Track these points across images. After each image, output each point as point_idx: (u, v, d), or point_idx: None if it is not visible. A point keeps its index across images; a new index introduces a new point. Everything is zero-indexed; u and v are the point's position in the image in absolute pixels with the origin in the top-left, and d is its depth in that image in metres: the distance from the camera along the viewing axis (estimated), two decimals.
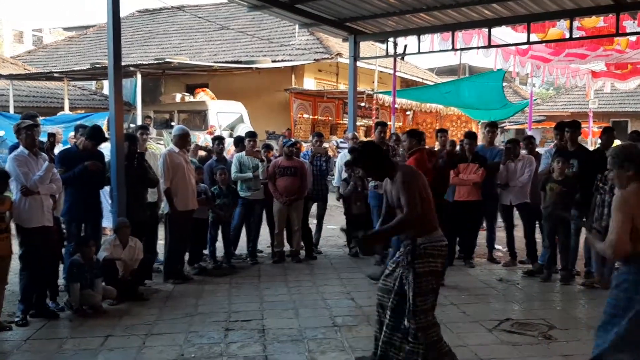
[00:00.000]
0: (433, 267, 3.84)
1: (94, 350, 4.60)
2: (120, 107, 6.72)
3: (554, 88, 33.43)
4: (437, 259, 3.86)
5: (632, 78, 14.71)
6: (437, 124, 19.25)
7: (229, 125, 15.38)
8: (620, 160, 3.32)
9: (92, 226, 6.36)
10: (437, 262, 3.86)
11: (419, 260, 3.81)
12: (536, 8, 8.72)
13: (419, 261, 3.81)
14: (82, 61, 20.98)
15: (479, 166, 7.39)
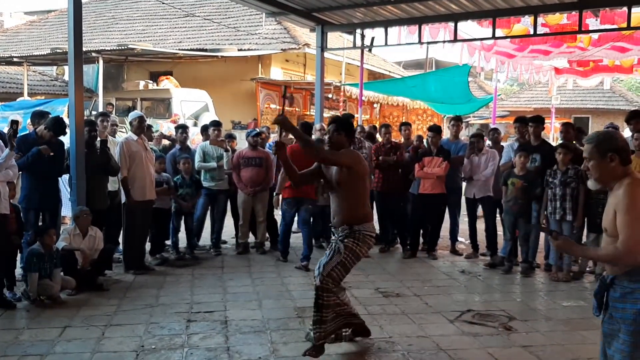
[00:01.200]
0: (358, 250, 4.16)
1: (51, 341, 4.49)
2: (80, 94, 6.54)
3: (518, 84, 34.01)
4: (364, 246, 4.19)
5: (594, 75, 15.04)
6: (404, 117, 19.35)
7: (193, 114, 15.18)
8: (604, 150, 2.86)
9: (50, 215, 6.21)
10: (363, 248, 4.19)
11: (352, 239, 4.14)
12: (502, 4, 8.83)
13: (352, 239, 4.14)
14: (43, 46, 20.38)
15: (443, 160, 7.46)
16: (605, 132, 3.01)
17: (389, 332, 4.80)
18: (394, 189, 7.92)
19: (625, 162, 2.85)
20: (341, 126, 4.29)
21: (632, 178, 2.82)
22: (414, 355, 4.32)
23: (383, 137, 8.07)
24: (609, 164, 2.83)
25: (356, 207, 4.17)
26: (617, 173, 2.85)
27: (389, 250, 8.09)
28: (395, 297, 5.85)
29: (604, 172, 2.88)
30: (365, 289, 6.08)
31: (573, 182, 6.47)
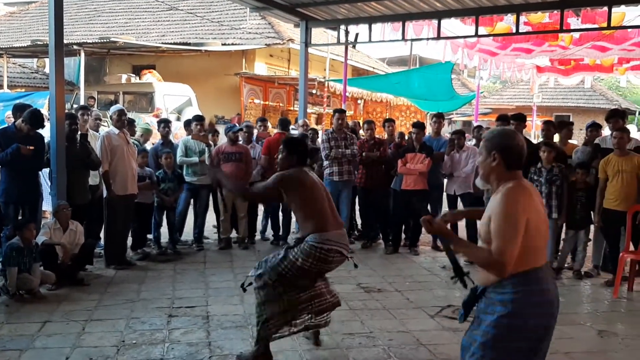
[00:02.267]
0: (300, 263, 3.96)
1: (31, 336, 4.46)
2: (61, 87, 6.47)
3: (501, 81, 34.24)
4: (309, 258, 3.95)
5: (575, 74, 15.22)
6: (387, 113, 19.41)
7: (176, 109, 15.09)
8: (489, 147, 2.66)
9: (30, 209, 6.15)
10: (308, 261, 3.96)
11: (296, 250, 4.00)
12: (485, 2, 8.90)
13: (296, 250, 3.99)
14: (23, 37, 20.10)
15: (425, 156, 7.51)
16: (500, 129, 2.73)
17: (370, 327, 4.83)
18: (377, 184, 7.95)
19: (510, 166, 2.60)
20: (292, 149, 4.21)
21: (515, 184, 2.58)
22: (395, 350, 4.36)
23: (366, 133, 8.10)
24: (491, 162, 2.63)
25: (304, 219, 4.08)
26: (498, 174, 2.63)
27: (371, 246, 8.13)
28: (376, 293, 5.89)
29: (486, 170, 2.69)
30: (347, 284, 6.10)
31: (558, 180, 6.54)
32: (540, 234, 2.59)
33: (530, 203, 2.57)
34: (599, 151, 6.78)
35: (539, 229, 2.57)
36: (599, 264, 6.87)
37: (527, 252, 2.53)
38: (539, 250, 2.60)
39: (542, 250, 2.63)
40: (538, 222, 2.57)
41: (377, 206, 8.08)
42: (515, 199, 2.54)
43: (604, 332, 4.92)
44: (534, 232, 2.54)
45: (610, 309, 5.66)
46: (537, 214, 2.58)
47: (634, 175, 6.17)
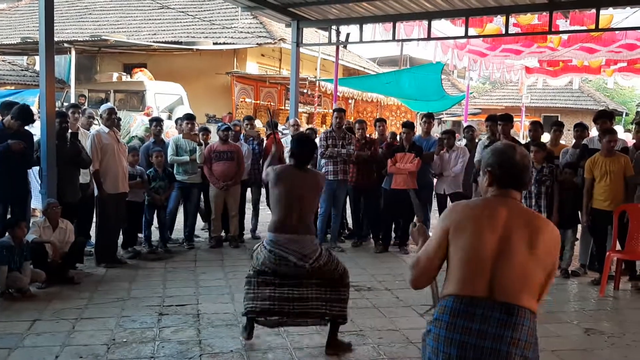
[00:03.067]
0: (258, 254, 4.21)
1: (20, 335, 4.45)
2: (51, 85, 6.46)
3: (490, 82, 34.44)
4: (260, 253, 4.17)
5: (563, 75, 15.35)
6: (378, 113, 19.47)
7: (167, 107, 15.06)
8: (483, 165, 2.41)
9: (19, 207, 6.13)
10: (260, 255, 4.17)
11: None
12: (475, 3, 8.96)
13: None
14: (13, 35, 19.97)
15: (415, 156, 7.56)
16: (498, 146, 2.44)
17: (360, 326, 4.87)
18: (368, 184, 8.00)
19: (500, 184, 2.34)
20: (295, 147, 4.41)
21: (484, 198, 2.39)
22: (384, 348, 4.40)
23: (358, 132, 8.14)
24: (483, 180, 2.38)
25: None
26: (491, 192, 2.37)
27: (361, 245, 8.17)
28: (366, 291, 5.92)
29: (482, 189, 2.42)
30: None
31: (547, 180, 6.61)
32: (469, 259, 2.22)
33: (460, 216, 2.30)
34: (587, 152, 6.85)
35: (468, 253, 2.23)
36: (585, 263, 6.95)
37: (449, 271, 2.28)
38: (459, 272, 2.24)
39: (467, 273, 2.23)
40: (472, 243, 2.22)
41: (367, 205, 8.13)
42: (447, 209, 2.39)
43: (591, 330, 4.99)
44: (458, 249, 2.25)
45: (596, 308, 5.74)
46: (468, 230, 2.25)
47: (620, 175, 6.25)
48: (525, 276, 2.19)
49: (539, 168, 6.65)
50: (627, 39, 11.06)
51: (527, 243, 2.20)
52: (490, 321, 2.15)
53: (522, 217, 2.27)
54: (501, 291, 2.16)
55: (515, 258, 2.18)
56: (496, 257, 2.19)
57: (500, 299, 2.16)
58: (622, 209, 6.20)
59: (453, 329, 2.20)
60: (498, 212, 2.27)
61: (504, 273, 2.17)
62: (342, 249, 7.83)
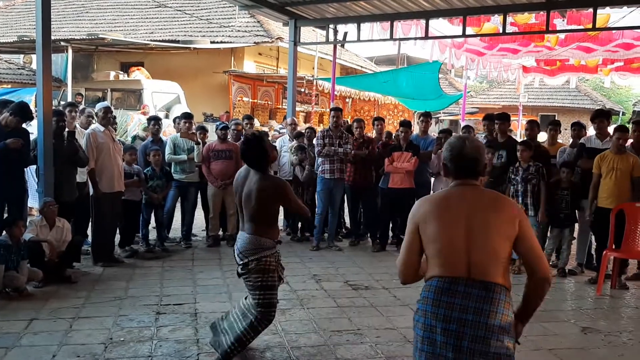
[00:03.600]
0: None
1: (17, 334, 4.44)
2: (48, 83, 6.45)
3: (487, 81, 34.45)
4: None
5: (560, 74, 15.35)
6: (375, 112, 19.48)
7: (164, 106, 15.04)
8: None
9: (17, 206, 6.12)
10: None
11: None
12: (472, 2, 8.97)
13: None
14: (10, 33, 19.91)
15: (412, 155, 7.57)
16: (448, 141, 2.67)
17: (358, 324, 4.87)
18: (365, 183, 8.01)
19: (447, 173, 2.64)
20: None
21: (436, 193, 2.74)
22: (382, 347, 4.40)
23: (356, 131, 8.14)
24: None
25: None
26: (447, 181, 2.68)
27: (358, 244, 8.17)
28: (364, 290, 5.93)
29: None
30: (335, 282, 6.15)
31: (534, 178, 6.64)
32: (443, 247, 2.47)
33: (425, 210, 2.55)
34: (584, 151, 6.86)
35: (442, 242, 2.48)
36: (583, 262, 6.97)
37: (429, 259, 2.55)
38: (438, 259, 2.49)
39: (445, 259, 2.47)
40: (441, 233, 2.47)
41: (365, 204, 8.13)
42: (414, 207, 2.62)
43: (588, 329, 5.00)
44: (431, 240, 2.50)
45: (593, 307, 5.75)
46: (436, 221, 2.50)
47: (627, 174, 6.23)
48: (496, 254, 2.43)
49: (525, 167, 6.68)
50: (624, 38, 11.07)
51: (489, 223, 2.44)
52: (471, 297, 2.40)
53: (482, 200, 2.52)
54: (477, 271, 2.42)
55: (483, 240, 2.43)
56: (467, 241, 2.43)
57: (478, 277, 2.41)
58: (620, 208, 6.21)
59: (438, 305, 2.45)
60: (458, 200, 2.52)
61: (477, 255, 2.42)
62: (339, 248, 7.84)
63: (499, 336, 2.39)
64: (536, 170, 6.64)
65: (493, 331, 2.38)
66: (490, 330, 2.38)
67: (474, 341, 2.37)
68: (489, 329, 2.37)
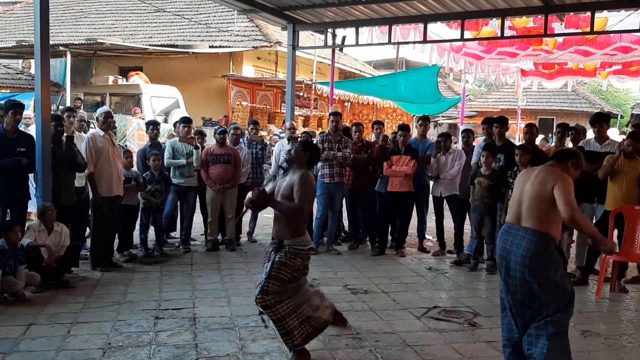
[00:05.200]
0: (290, 262, 4.15)
1: (15, 339, 4.42)
2: (47, 88, 6.44)
3: (486, 85, 34.52)
4: (296, 258, 4.17)
5: (558, 78, 15.39)
6: (374, 116, 19.50)
7: (163, 110, 15.04)
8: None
9: (19, 211, 6.12)
10: (296, 260, 4.17)
11: (280, 254, 4.17)
12: (470, 6, 8.98)
13: (281, 254, 4.17)
14: (8, 38, 19.93)
15: (410, 158, 7.57)
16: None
17: (357, 329, 4.86)
18: (364, 186, 8.01)
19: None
20: (306, 147, 4.44)
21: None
22: (381, 351, 4.39)
23: (354, 135, 8.15)
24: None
25: (289, 222, 4.19)
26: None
27: (357, 248, 8.16)
28: (363, 294, 5.92)
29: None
30: (334, 286, 6.14)
31: None
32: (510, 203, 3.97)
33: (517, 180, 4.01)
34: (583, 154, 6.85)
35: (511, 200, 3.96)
36: (582, 265, 6.95)
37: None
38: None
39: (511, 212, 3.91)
40: (514, 193, 3.92)
41: (364, 208, 8.12)
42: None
43: (587, 332, 4.99)
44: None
45: (593, 310, 5.74)
46: (516, 188, 3.92)
47: (634, 180, 6.21)
48: (531, 209, 3.73)
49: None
50: (621, 41, 11.10)
51: (532, 188, 3.76)
52: (516, 234, 3.74)
53: (540, 173, 3.82)
54: (522, 219, 3.76)
55: (526, 198, 3.77)
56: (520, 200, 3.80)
57: (522, 224, 3.74)
58: (619, 211, 6.20)
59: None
60: (529, 174, 3.91)
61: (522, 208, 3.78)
62: (338, 252, 7.83)
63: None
64: None
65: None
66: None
67: None
68: (518, 256, 3.77)
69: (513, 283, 3.74)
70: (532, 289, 3.66)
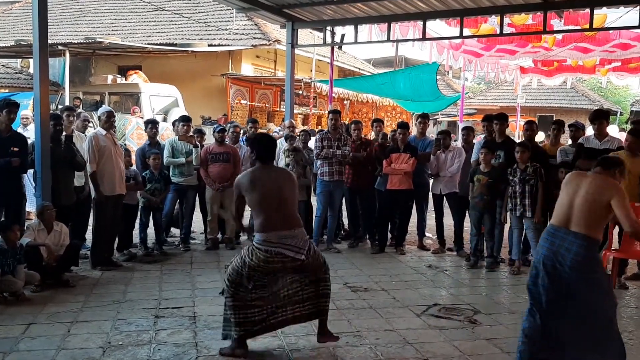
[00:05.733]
0: (247, 259, 4.14)
1: (14, 339, 4.42)
2: (45, 87, 6.43)
3: (485, 82, 34.49)
4: (252, 256, 4.13)
5: (558, 75, 15.39)
6: (373, 114, 19.48)
7: (162, 109, 15.02)
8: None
9: (14, 210, 6.11)
10: (252, 258, 4.12)
11: (247, 247, 4.23)
12: (469, 3, 8.97)
13: (247, 247, 4.23)
14: (7, 38, 19.91)
15: (410, 156, 7.56)
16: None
17: (357, 327, 4.86)
18: (364, 184, 8.00)
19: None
20: (251, 145, 4.49)
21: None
22: (381, 349, 4.39)
23: (353, 133, 8.14)
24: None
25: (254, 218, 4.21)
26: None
27: (357, 246, 8.16)
28: (363, 292, 5.91)
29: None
30: (334, 284, 6.05)
31: (532, 179, 6.63)
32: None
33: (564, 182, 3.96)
34: (582, 150, 6.85)
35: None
36: None
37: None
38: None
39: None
40: (561, 197, 3.89)
41: (364, 206, 8.12)
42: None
43: None
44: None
45: None
46: (563, 192, 3.89)
47: (637, 177, 6.19)
48: (583, 215, 3.72)
49: (523, 168, 6.68)
50: (621, 38, 11.09)
51: (586, 195, 3.73)
52: (565, 238, 3.74)
53: (594, 181, 3.79)
54: (571, 224, 3.76)
55: (579, 204, 3.75)
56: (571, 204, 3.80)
57: (571, 228, 3.73)
58: None
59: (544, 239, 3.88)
60: (581, 179, 3.86)
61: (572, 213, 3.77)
62: (338, 250, 7.83)
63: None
64: (534, 171, 6.64)
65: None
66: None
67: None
68: (565, 259, 3.75)
69: (556, 282, 3.75)
70: (576, 291, 3.69)
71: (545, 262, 3.80)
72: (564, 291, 3.72)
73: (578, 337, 3.68)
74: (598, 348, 3.67)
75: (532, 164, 6.69)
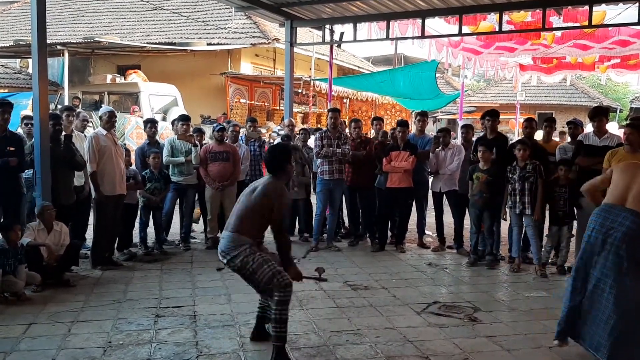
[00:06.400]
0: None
1: (15, 339, 4.43)
2: (44, 87, 6.43)
3: (484, 80, 34.49)
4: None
5: (557, 72, 15.36)
6: (373, 112, 19.48)
7: (162, 109, 15.00)
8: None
9: (13, 210, 6.11)
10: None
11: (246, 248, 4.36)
12: (468, 1, 8.96)
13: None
14: (6, 38, 19.88)
15: (409, 154, 7.56)
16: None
17: (357, 325, 4.86)
18: (363, 183, 8.00)
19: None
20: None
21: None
22: (382, 347, 4.39)
23: (353, 131, 8.14)
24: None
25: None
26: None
27: (357, 244, 8.16)
28: (363, 290, 5.92)
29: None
30: (334, 282, 6.13)
31: (531, 177, 6.64)
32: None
33: (617, 169, 4.29)
34: (582, 148, 6.85)
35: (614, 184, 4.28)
36: None
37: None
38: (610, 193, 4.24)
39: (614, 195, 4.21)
40: (617, 181, 4.17)
41: (364, 204, 8.12)
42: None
43: None
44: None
45: None
46: (618, 177, 4.17)
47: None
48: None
49: (522, 165, 6.69)
50: (620, 35, 11.08)
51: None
52: (619, 214, 3.99)
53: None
54: (627, 202, 4.00)
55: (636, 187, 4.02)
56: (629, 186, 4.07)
57: (627, 206, 3.98)
58: None
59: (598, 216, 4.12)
60: (636, 169, 4.17)
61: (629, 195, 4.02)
62: (338, 249, 7.84)
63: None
64: (533, 169, 6.65)
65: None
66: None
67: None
68: (619, 233, 3.97)
69: (604, 256, 3.98)
70: (621, 265, 3.89)
71: (596, 235, 4.06)
72: (609, 261, 3.94)
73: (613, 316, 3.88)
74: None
75: (532, 161, 6.69)
